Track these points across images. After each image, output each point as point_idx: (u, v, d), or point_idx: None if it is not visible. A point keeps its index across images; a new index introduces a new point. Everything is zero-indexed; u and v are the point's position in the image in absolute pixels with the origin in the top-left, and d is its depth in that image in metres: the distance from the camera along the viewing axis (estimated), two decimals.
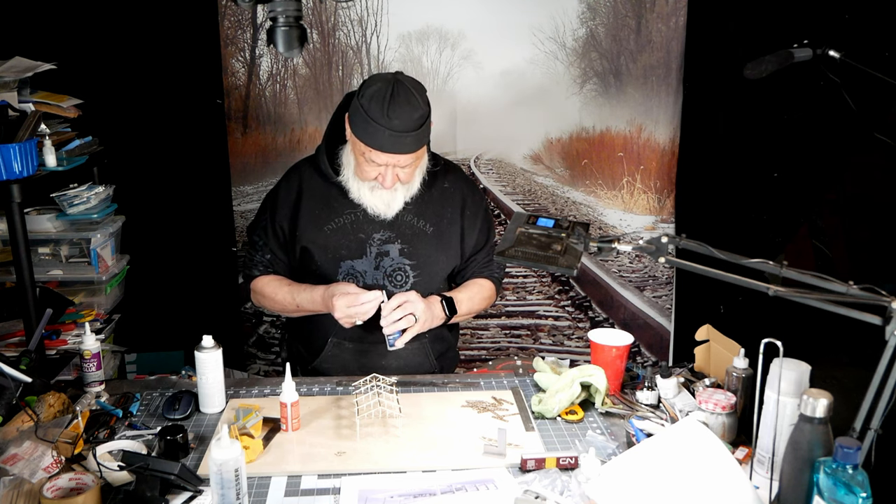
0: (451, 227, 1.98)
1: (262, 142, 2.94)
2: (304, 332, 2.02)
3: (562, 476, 1.39)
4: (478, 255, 2.05)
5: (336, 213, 1.92)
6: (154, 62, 2.77)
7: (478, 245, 2.04)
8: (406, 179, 1.84)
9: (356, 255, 1.91)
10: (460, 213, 1.99)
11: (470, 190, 2.04)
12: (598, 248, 1.38)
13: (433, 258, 1.95)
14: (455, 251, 1.99)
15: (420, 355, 1.98)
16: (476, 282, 2.05)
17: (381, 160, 1.77)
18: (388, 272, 1.91)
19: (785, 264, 1.23)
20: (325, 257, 1.91)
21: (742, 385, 1.57)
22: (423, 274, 1.93)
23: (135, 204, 2.67)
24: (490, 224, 2.09)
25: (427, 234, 1.94)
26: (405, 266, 1.92)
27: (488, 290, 2.06)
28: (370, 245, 1.91)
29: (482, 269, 2.07)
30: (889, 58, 2.71)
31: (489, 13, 2.90)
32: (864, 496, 1.07)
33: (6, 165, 1.92)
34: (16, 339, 2.15)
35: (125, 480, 1.38)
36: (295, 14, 1.44)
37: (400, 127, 1.71)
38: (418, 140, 1.77)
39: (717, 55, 2.87)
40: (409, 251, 1.92)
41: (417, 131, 1.75)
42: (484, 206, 2.06)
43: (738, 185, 3.05)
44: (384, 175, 1.80)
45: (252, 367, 3.08)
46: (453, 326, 2.12)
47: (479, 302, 2.03)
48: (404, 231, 1.92)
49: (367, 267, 1.91)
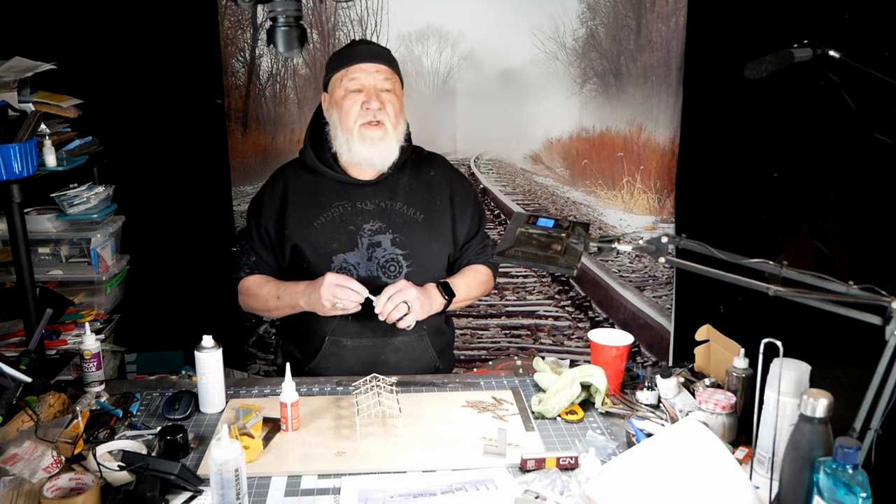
0: (441, 215, 1.97)
1: (262, 142, 2.93)
2: (300, 334, 1.99)
3: (562, 476, 1.39)
4: (471, 243, 2.05)
5: (324, 208, 1.91)
6: (154, 62, 2.77)
7: (470, 232, 2.04)
8: (391, 113, 1.87)
9: (347, 248, 1.90)
10: (450, 201, 1.99)
11: (457, 177, 2.05)
12: (598, 248, 1.38)
13: (426, 247, 1.94)
14: (447, 239, 1.99)
15: (419, 348, 1.97)
16: (472, 267, 2.05)
17: (360, 79, 1.85)
18: (382, 263, 1.90)
19: (785, 264, 1.23)
20: (316, 253, 1.90)
21: (742, 385, 1.57)
22: (416, 263, 1.92)
23: (135, 204, 2.67)
24: (481, 211, 2.09)
25: (418, 222, 1.94)
26: (398, 256, 1.91)
27: (484, 275, 2.06)
28: (361, 236, 1.90)
29: (477, 255, 2.07)
30: (889, 58, 2.71)
31: (489, 13, 2.89)
32: (864, 496, 1.07)
33: (6, 165, 1.92)
34: (16, 339, 2.15)
35: (125, 480, 1.38)
36: (295, 14, 1.45)
37: (371, 50, 1.91)
38: (390, 61, 1.91)
39: (717, 55, 2.87)
40: (400, 240, 1.91)
41: (387, 52, 1.93)
42: (473, 193, 2.07)
43: (738, 185, 3.05)
44: (369, 99, 1.85)
45: (252, 367, 3.08)
46: (450, 322, 2.12)
47: (477, 287, 2.03)
48: (395, 220, 1.92)
49: (360, 259, 1.90)
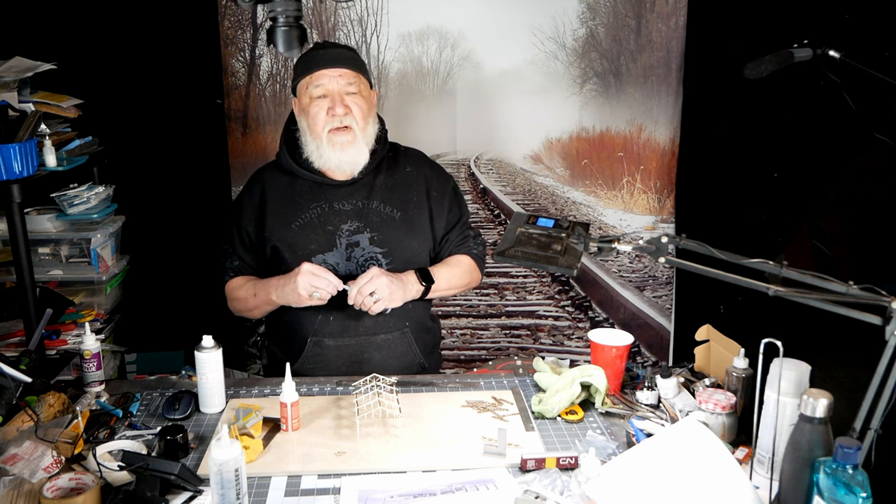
0: (418, 211, 1.97)
1: (262, 142, 2.93)
2: (283, 335, 1.99)
3: (562, 476, 1.39)
4: (450, 235, 2.04)
5: (302, 210, 1.91)
6: (154, 62, 2.77)
7: (448, 224, 2.03)
8: (358, 116, 1.85)
9: (326, 249, 1.89)
10: (426, 196, 1.98)
11: (434, 171, 2.04)
12: (598, 248, 1.38)
13: (404, 244, 1.93)
14: (426, 235, 1.98)
15: (402, 346, 1.96)
16: (454, 257, 2.03)
17: (324, 84, 1.83)
18: (361, 262, 1.90)
19: (785, 264, 1.23)
20: (295, 254, 1.89)
21: (742, 385, 1.57)
22: (395, 261, 1.92)
23: (135, 204, 2.67)
24: (460, 202, 2.07)
25: (395, 219, 1.93)
26: (377, 254, 1.91)
27: (467, 265, 2.03)
28: (339, 237, 1.90)
29: (458, 246, 2.04)
30: (889, 58, 2.71)
31: (489, 13, 2.89)
32: (864, 496, 1.07)
33: (6, 165, 1.92)
34: (16, 339, 2.16)
35: (125, 480, 1.38)
36: (295, 14, 1.45)
37: (332, 53, 1.86)
38: (355, 62, 1.88)
39: (717, 55, 2.87)
40: (379, 239, 1.91)
41: (351, 54, 1.89)
42: (451, 186, 2.05)
43: (738, 185, 3.05)
44: (334, 105, 1.83)
45: (252, 367, 3.08)
46: (436, 319, 2.12)
47: (460, 276, 2.00)
48: (372, 219, 1.92)
49: (339, 259, 1.89)
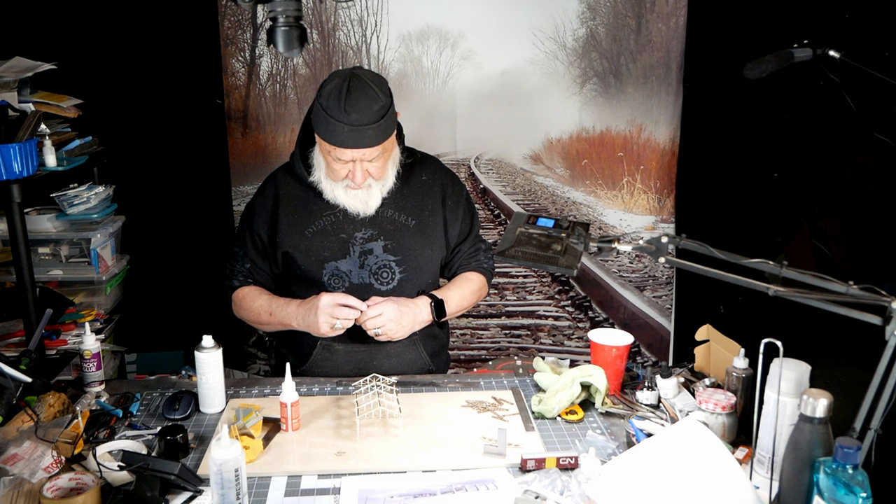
0: (433, 219, 1.95)
1: (262, 142, 2.93)
2: (292, 337, 1.98)
3: (562, 476, 1.39)
4: (462, 246, 2.03)
5: (315, 216, 1.90)
6: (154, 62, 2.77)
7: (461, 234, 2.02)
8: (378, 175, 1.82)
9: (339, 256, 1.89)
10: (441, 204, 1.97)
11: (449, 179, 2.02)
12: (598, 248, 1.38)
13: (418, 252, 1.93)
14: (440, 243, 1.97)
15: (412, 353, 1.96)
16: (465, 276, 2.02)
17: (346, 157, 1.75)
18: (374, 270, 1.89)
19: (785, 264, 1.23)
20: (308, 260, 1.89)
21: (742, 385, 1.57)
22: (409, 269, 1.91)
23: (135, 204, 2.67)
24: (473, 212, 2.06)
25: (410, 228, 1.92)
26: (390, 262, 1.90)
27: (477, 284, 2.03)
28: (353, 244, 1.89)
29: (469, 259, 2.04)
30: (889, 58, 2.71)
31: (489, 13, 2.89)
32: (864, 496, 1.07)
33: (6, 165, 1.92)
34: (16, 339, 2.16)
35: (125, 480, 1.39)
36: (295, 14, 1.44)
37: (359, 121, 1.69)
38: (381, 132, 1.74)
39: (717, 55, 2.87)
40: (392, 247, 1.90)
41: (378, 123, 1.72)
42: (465, 195, 2.04)
43: (738, 185, 3.05)
44: (353, 172, 1.78)
45: (252, 367, 3.08)
46: (444, 325, 2.11)
47: (470, 297, 2.01)
48: (386, 227, 1.91)
49: (352, 266, 1.89)
